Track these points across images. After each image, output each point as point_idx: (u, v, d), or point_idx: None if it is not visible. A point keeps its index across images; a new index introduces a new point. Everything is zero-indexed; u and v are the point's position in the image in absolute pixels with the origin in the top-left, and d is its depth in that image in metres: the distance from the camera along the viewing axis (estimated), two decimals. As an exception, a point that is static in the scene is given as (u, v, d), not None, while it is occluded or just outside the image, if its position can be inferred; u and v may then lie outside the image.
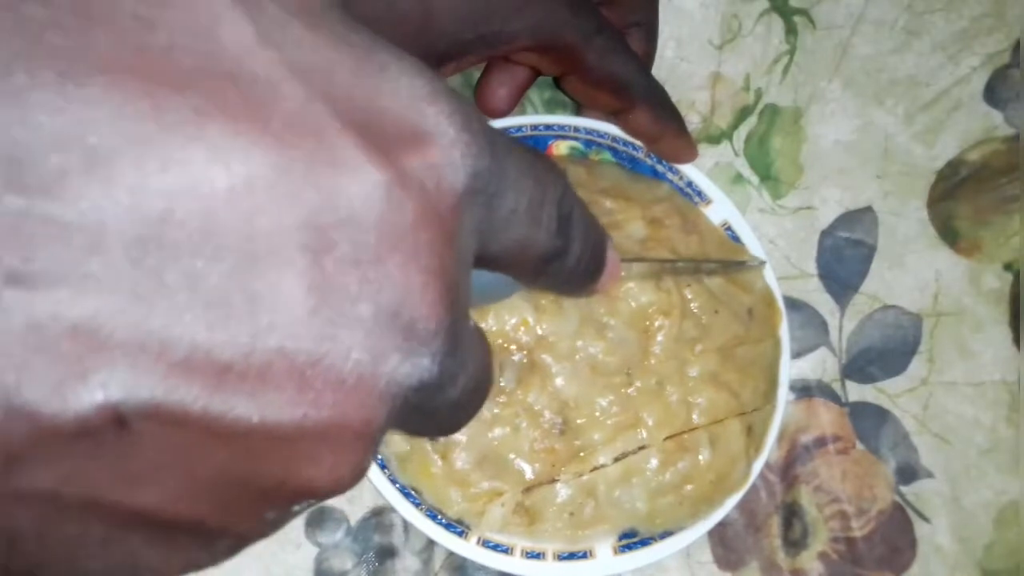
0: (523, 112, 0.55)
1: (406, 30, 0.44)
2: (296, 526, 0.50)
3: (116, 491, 0.17)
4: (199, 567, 0.20)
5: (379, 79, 0.20)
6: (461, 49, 0.45)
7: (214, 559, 0.20)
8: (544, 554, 0.48)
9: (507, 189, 0.23)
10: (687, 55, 0.56)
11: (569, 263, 0.27)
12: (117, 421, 0.16)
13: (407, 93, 0.20)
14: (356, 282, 0.18)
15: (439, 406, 0.22)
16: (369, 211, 0.18)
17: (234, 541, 0.20)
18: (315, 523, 0.51)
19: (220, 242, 0.17)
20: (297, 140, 0.17)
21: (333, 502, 0.51)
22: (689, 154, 0.52)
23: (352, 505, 0.51)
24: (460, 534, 0.48)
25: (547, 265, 0.26)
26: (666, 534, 0.49)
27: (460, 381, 0.22)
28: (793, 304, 0.54)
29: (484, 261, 0.24)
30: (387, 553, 0.51)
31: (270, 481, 0.19)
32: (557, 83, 0.52)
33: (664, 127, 0.51)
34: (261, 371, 0.17)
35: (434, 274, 0.20)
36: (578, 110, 0.54)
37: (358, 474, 0.20)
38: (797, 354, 0.54)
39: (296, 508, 0.20)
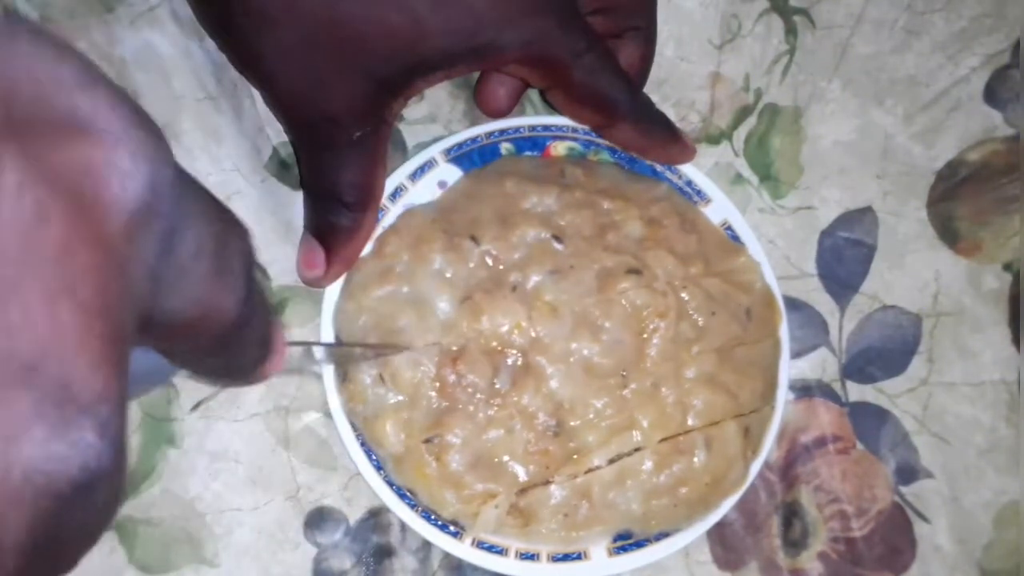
0: (523, 112, 0.55)
1: (396, 43, 0.44)
2: (295, 526, 0.51)
3: None
4: None
5: (10, 53, 0.15)
6: (450, 61, 0.45)
7: None
8: (538, 555, 0.48)
9: (190, 225, 0.18)
10: (687, 55, 0.56)
11: (248, 337, 0.22)
12: None
13: (53, 75, 0.16)
14: None
15: (76, 530, 0.16)
16: None
17: None
18: (314, 523, 0.51)
19: None
20: None
21: (332, 502, 0.51)
22: (684, 156, 0.53)
23: (350, 506, 0.51)
24: (455, 535, 0.49)
25: (227, 341, 0.21)
26: (661, 536, 0.49)
27: (109, 496, 0.17)
28: (793, 304, 0.54)
29: (152, 327, 0.19)
30: (385, 553, 0.51)
31: None
32: (542, 95, 0.52)
33: (649, 140, 0.51)
34: None
35: (96, 316, 0.15)
36: None
37: None
38: (797, 354, 0.54)
39: None
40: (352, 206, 0.47)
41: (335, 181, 0.47)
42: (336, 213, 0.48)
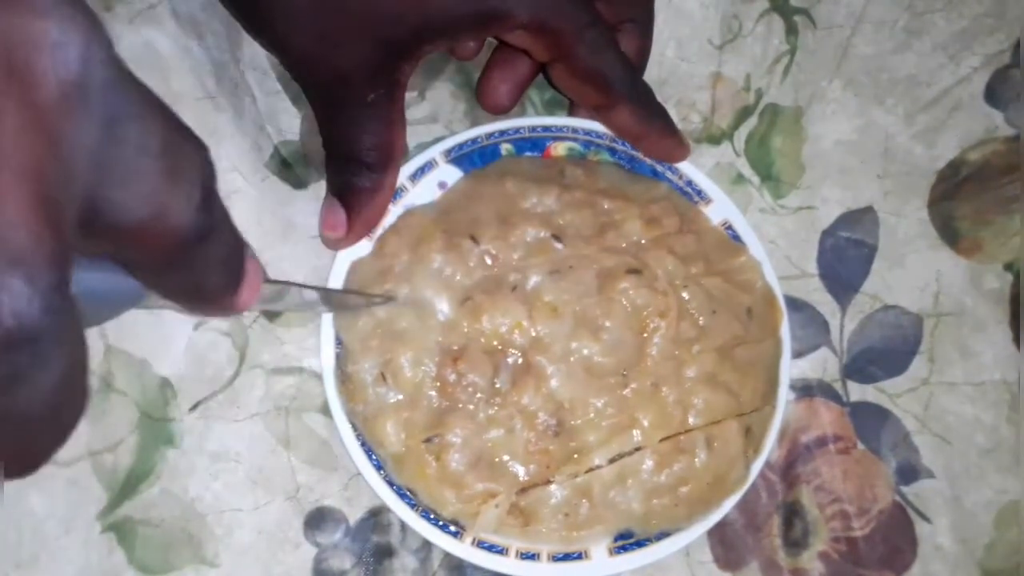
0: (523, 113, 0.55)
1: (402, 5, 0.44)
2: (295, 526, 0.51)
3: None
4: None
5: None
6: (456, 24, 0.46)
7: None
8: (539, 555, 0.48)
9: (134, 117, 0.19)
10: (687, 55, 0.56)
11: (212, 255, 0.23)
12: None
13: None
14: None
15: (31, 391, 0.17)
16: None
17: None
18: (314, 523, 0.51)
19: None
20: None
21: (332, 502, 0.51)
22: (679, 153, 0.52)
23: (351, 506, 0.51)
24: (455, 535, 0.48)
25: (185, 252, 0.21)
26: (662, 535, 0.49)
27: (60, 359, 0.17)
28: (794, 304, 0.54)
29: (105, 226, 0.19)
30: (385, 553, 0.51)
31: None
32: (545, 74, 0.52)
33: (648, 127, 0.51)
34: None
35: (27, 178, 0.15)
36: (571, 110, 0.54)
37: None
38: (798, 354, 0.54)
39: None
40: (372, 167, 0.48)
41: (353, 142, 0.48)
42: (356, 174, 0.48)
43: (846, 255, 0.56)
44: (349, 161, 0.48)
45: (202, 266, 0.22)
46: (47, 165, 0.16)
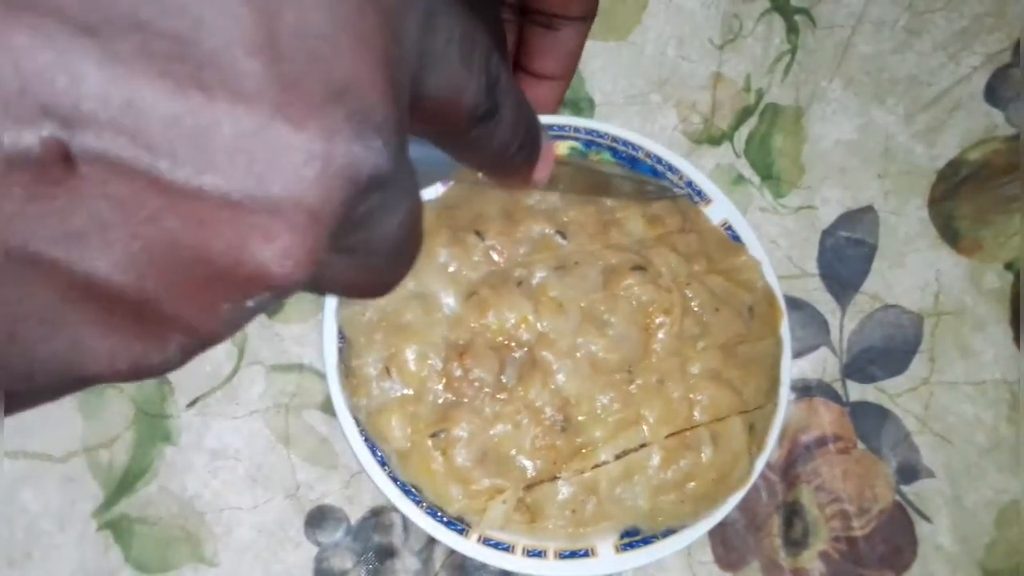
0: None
1: None
2: (295, 525, 0.50)
3: (59, 247, 0.17)
4: (147, 368, 0.18)
5: None
6: None
7: (163, 360, 0.19)
8: (545, 552, 0.48)
9: (442, 12, 0.22)
10: (688, 54, 0.56)
11: (500, 132, 0.26)
12: (63, 157, 0.16)
13: None
14: (305, 54, 0.17)
15: (384, 227, 0.21)
16: None
17: (185, 337, 0.19)
18: (315, 523, 0.50)
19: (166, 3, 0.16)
20: None
21: (333, 501, 0.50)
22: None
23: (352, 505, 0.51)
24: (461, 532, 0.48)
25: (477, 126, 0.24)
26: (668, 532, 0.49)
27: (403, 204, 0.21)
28: (794, 303, 0.54)
29: (419, 104, 0.22)
30: (387, 552, 0.51)
31: (222, 259, 0.18)
32: None
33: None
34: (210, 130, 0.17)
35: (383, 61, 0.19)
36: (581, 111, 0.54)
37: (311, 262, 0.18)
38: (798, 353, 0.54)
39: (250, 304, 0.19)
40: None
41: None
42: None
43: (846, 254, 0.56)
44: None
45: (492, 141, 0.26)
46: (395, 55, 0.19)
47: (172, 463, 0.50)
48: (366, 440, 0.48)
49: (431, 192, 0.51)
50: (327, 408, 0.50)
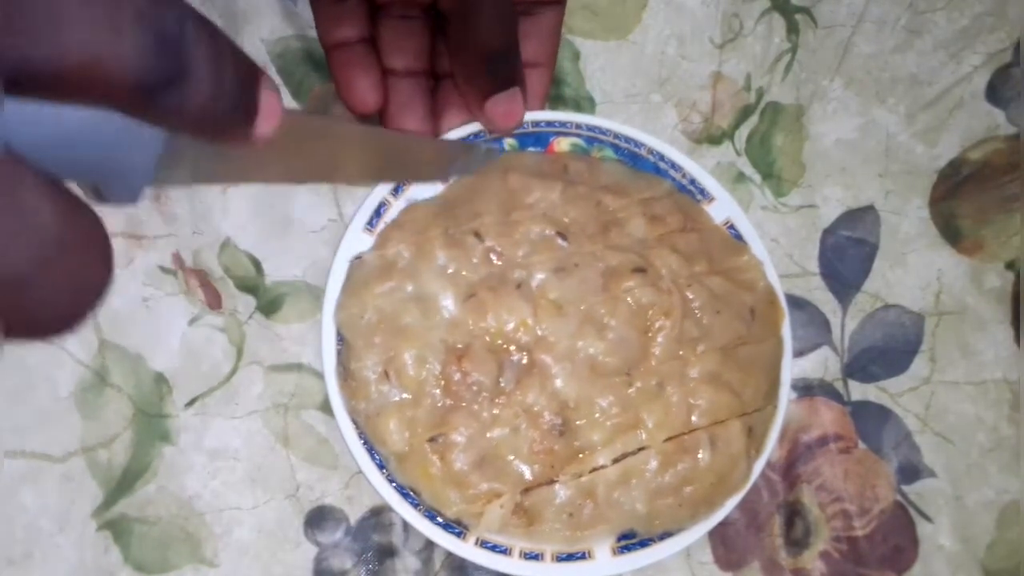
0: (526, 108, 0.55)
1: None
2: (295, 525, 0.50)
3: None
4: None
5: None
6: None
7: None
8: (542, 555, 0.48)
9: None
10: (688, 53, 0.56)
11: (197, 94, 0.23)
12: None
13: None
14: None
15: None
16: None
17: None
18: (314, 522, 0.51)
19: None
20: None
21: (332, 501, 0.51)
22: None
23: (351, 505, 0.51)
24: (458, 534, 0.48)
25: (153, 96, 0.22)
26: (665, 535, 0.49)
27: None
28: (795, 303, 0.54)
29: (29, 81, 0.20)
30: (387, 553, 0.51)
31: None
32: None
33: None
34: None
35: None
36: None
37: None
38: (799, 353, 0.54)
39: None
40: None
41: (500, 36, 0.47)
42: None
43: (847, 254, 0.55)
44: (507, 51, 0.47)
45: (195, 104, 0.23)
46: None
47: (171, 463, 0.50)
48: (364, 443, 0.48)
49: (430, 190, 0.51)
50: (326, 408, 0.50)
